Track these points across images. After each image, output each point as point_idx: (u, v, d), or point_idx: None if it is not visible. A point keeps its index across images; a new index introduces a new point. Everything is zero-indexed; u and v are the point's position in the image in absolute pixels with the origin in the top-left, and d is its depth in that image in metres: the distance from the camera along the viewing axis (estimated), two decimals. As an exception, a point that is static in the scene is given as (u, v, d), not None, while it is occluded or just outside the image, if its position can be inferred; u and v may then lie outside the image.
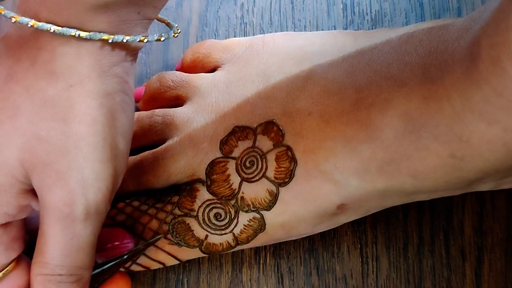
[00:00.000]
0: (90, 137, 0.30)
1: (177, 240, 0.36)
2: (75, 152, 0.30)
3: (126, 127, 0.32)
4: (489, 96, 0.27)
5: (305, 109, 0.34)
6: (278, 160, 0.35)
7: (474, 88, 0.28)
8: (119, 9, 0.29)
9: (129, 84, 0.32)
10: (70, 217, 0.30)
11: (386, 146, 0.32)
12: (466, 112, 0.29)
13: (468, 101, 0.28)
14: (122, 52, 0.31)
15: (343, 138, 0.33)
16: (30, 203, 0.32)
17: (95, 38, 0.29)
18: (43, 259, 0.31)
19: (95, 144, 0.30)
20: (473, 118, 0.29)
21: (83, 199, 0.30)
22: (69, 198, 0.30)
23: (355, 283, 0.39)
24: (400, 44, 0.33)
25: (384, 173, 0.32)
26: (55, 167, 0.30)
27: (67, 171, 0.30)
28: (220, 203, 0.35)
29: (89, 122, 0.30)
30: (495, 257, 0.38)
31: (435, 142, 0.30)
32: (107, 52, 0.30)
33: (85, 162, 0.30)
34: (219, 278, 0.39)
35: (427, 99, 0.30)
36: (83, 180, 0.30)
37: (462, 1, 0.42)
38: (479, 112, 0.28)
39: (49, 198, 0.30)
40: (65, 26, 0.29)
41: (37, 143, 0.30)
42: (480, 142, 0.29)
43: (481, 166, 0.30)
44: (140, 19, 0.31)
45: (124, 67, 0.31)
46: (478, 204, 0.39)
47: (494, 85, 0.27)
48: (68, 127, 0.30)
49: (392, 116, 0.31)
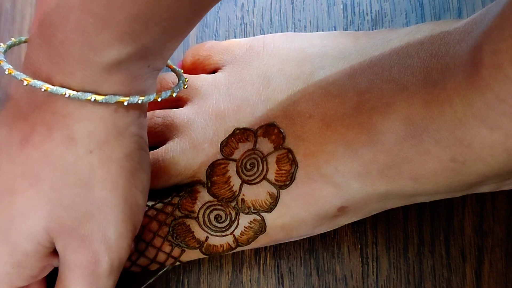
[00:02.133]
0: (112, 200, 0.31)
1: (177, 241, 0.36)
2: (98, 216, 0.31)
3: (145, 183, 0.33)
4: (491, 102, 0.27)
5: (306, 111, 0.34)
6: (279, 163, 0.35)
7: (476, 93, 0.28)
8: (131, 66, 0.29)
9: (144, 138, 0.33)
10: (94, 274, 0.31)
11: (388, 150, 0.32)
12: (468, 117, 0.29)
13: (470, 106, 0.28)
14: (137, 111, 0.31)
15: (344, 141, 0.33)
16: (52, 263, 0.33)
17: (111, 101, 0.29)
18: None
19: (117, 206, 0.31)
20: (475, 123, 0.29)
21: (107, 258, 0.31)
22: (94, 258, 0.31)
23: (355, 283, 0.39)
24: (402, 46, 0.33)
25: (385, 176, 0.32)
26: (80, 231, 0.31)
27: (91, 233, 0.31)
28: (220, 205, 0.35)
29: (110, 187, 0.31)
30: (496, 257, 0.38)
31: (437, 146, 0.30)
32: (123, 114, 0.30)
33: (108, 224, 0.31)
34: (219, 279, 0.39)
35: (428, 103, 0.30)
36: (107, 240, 0.31)
37: (463, 2, 0.42)
38: (481, 118, 0.28)
39: (74, 258, 0.31)
40: (80, 90, 0.28)
41: (63, 211, 0.30)
42: (482, 147, 0.29)
43: (482, 170, 0.30)
44: (150, 71, 0.30)
45: (138, 124, 0.32)
46: (478, 205, 0.39)
47: (496, 91, 0.27)
48: (91, 192, 0.30)
49: (393, 120, 0.31)
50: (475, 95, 0.28)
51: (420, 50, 0.32)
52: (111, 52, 0.27)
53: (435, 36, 0.32)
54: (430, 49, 0.32)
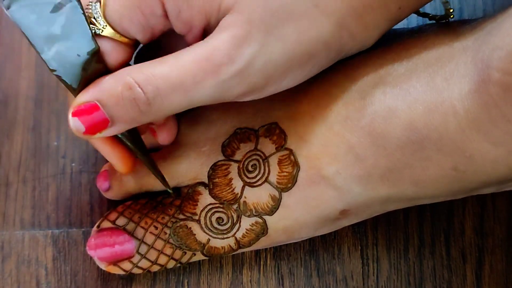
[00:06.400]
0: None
1: (179, 243, 0.36)
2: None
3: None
4: (497, 120, 0.27)
5: (308, 112, 0.34)
6: (280, 164, 0.34)
7: (482, 109, 0.28)
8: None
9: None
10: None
11: (389, 155, 0.31)
12: (471, 130, 0.29)
13: (474, 120, 0.28)
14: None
15: (346, 145, 0.33)
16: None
17: None
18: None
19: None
20: (478, 137, 0.29)
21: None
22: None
23: (355, 284, 0.39)
24: (405, 48, 0.33)
25: (387, 180, 0.32)
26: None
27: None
28: (222, 207, 0.35)
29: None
30: (496, 258, 0.38)
31: (438, 153, 0.30)
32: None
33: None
34: (219, 280, 0.39)
35: (432, 111, 0.30)
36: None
37: (464, 2, 0.42)
38: (485, 132, 0.28)
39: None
40: None
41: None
42: (484, 160, 0.29)
43: (483, 179, 0.31)
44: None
45: None
46: (479, 206, 0.39)
47: (503, 111, 0.27)
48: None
49: (395, 125, 0.31)
50: (480, 110, 0.28)
51: (424, 53, 0.32)
52: None
53: (438, 39, 0.32)
54: (433, 52, 0.32)
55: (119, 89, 0.29)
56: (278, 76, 0.30)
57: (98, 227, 0.37)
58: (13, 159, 0.41)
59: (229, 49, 0.29)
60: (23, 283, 0.40)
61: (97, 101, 0.30)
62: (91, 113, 0.30)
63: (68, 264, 0.40)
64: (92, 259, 0.39)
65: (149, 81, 0.29)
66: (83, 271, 0.40)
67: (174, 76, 0.29)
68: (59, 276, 0.40)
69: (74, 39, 0.30)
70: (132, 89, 0.29)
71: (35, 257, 0.40)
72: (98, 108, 0.30)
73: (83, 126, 0.30)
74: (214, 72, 0.29)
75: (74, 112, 0.30)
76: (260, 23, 0.29)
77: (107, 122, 0.30)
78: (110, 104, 0.30)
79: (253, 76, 0.30)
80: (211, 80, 0.29)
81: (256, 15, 0.29)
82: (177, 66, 0.29)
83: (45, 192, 0.41)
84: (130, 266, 0.36)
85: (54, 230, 0.40)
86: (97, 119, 0.30)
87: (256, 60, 0.29)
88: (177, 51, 0.30)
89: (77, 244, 0.40)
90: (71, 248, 0.40)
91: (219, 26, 0.29)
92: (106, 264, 0.37)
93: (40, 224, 0.40)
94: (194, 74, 0.29)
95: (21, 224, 0.40)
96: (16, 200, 0.41)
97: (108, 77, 0.30)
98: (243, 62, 0.29)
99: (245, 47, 0.29)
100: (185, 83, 0.29)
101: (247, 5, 0.29)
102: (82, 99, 0.30)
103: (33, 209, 0.41)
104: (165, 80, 0.29)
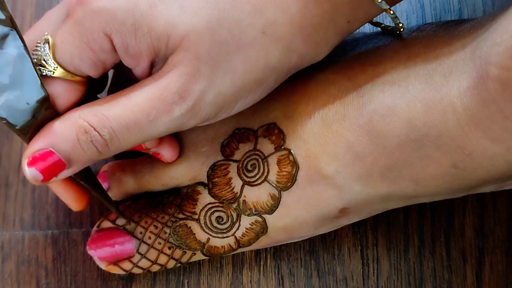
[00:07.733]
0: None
1: (179, 243, 0.36)
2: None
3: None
4: (495, 116, 0.27)
5: (306, 112, 0.34)
6: (280, 164, 0.34)
7: (481, 105, 0.28)
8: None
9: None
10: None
11: (389, 153, 0.31)
12: (470, 127, 0.29)
13: (473, 116, 0.28)
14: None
15: (345, 144, 0.33)
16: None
17: None
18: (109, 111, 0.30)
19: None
20: (477, 133, 0.28)
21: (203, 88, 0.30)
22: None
23: (355, 285, 0.39)
24: (404, 46, 0.33)
25: (386, 179, 0.32)
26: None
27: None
28: (222, 206, 0.35)
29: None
30: (496, 259, 0.38)
31: (438, 151, 0.30)
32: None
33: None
34: (219, 280, 0.39)
35: (431, 108, 0.30)
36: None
37: (463, 3, 0.42)
38: (484, 129, 0.28)
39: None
40: None
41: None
42: (483, 157, 0.29)
43: (483, 176, 0.30)
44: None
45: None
46: (479, 206, 0.39)
47: (502, 107, 0.27)
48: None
49: (394, 123, 0.31)
50: (479, 107, 0.28)
51: (423, 51, 0.32)
52: None
53: (437, 38, 0.32)
54: (432, 50, 0.32)
55: (73, 133, 0.30)
56: (228, 105, 0.31)
57: (98, 227, 0.37)
58: (13, 160, 0.41)
59: (179, 87, 0.29)
60: (23, 284, 0.40)
61: (52, 147, 0.30)
62: (46, 159, 0.30)
63: (68, 265, 0.40)
64: (92, 259, 0.39)
65: (103, 123, 0.30)
66: (83, 271, 0.40)
67: (127, 116, 0.30)
68: (59, 276, 0.40)
69: (23, 88, 0.30)
70: (88, 133, 0.30)
71: (35, 258, 0.40)
72: (53, 154, 0.30)
73: (40, 174, 0.30)
74: (167, 111, 0.30)
75: (29, 162, 0.30)
76: (208, 59, 0.29)
77: (64, 166, 0.30)
78: (66, 149, 0.30)
79: (204, 110, 0.31)
80: (165, 118, 0.30)
81: (203, 50, 0.29)
82: (130, 106, 0.30)
83: (45, 193, 0.41)
84: (130, 265, 0.37)
85: (54, 230, 0.40)
86: (53, 164, 0.30)
87: (206, 95, 0.30)
88: (127, 89, 0.31)
89: (77, 244, 0.40)
90: (71, 249, 0.40)
91: (168, 63, 0.30)
92: (106, 264, 0.37)
93: (40, 225, 0.41)
94: (148, 113, 0.30)
95: (21, 224, 0.41)
96: (16, 200, 0.41)
97: (58, 122, 0.30)
98: (193, 99, 0.30)
99: (194, 84, 0.30)
100: (140, 123, 0.30)
101: (195, 40, 0.29)
102: (35, 147, 0.30)
103: (33, 209, 0.41)
104: (119, 122, 0.30)
